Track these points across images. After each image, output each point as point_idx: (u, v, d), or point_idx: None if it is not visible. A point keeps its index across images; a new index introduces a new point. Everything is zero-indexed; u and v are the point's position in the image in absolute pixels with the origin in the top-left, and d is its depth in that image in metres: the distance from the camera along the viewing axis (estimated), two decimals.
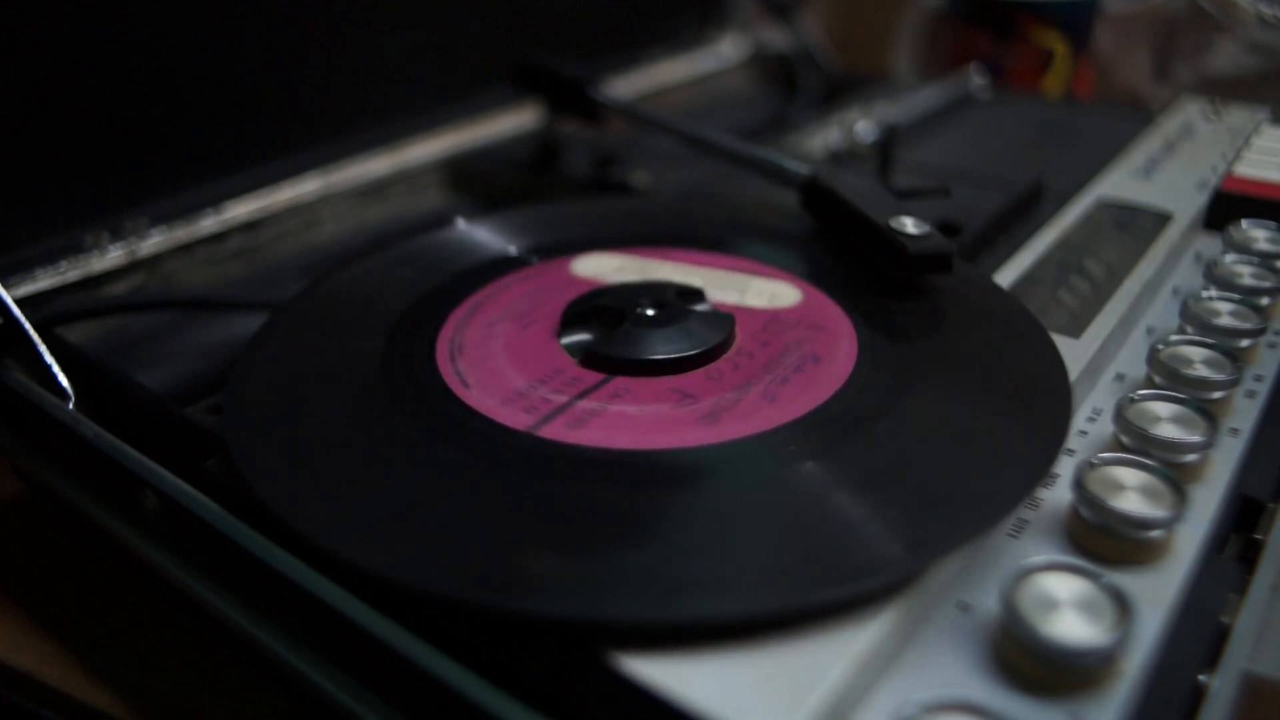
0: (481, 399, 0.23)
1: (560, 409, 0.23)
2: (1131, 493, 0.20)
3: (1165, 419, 0.23)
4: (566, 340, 0.25)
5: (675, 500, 0.20)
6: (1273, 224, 0.32)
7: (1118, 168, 0.38)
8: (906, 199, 0.31)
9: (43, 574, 0.30)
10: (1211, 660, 0.18)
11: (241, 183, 0.38)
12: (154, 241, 0.35)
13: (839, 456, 0.21)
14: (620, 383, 0.24)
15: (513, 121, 0.47)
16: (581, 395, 0.23)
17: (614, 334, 0.25)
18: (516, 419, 0.22)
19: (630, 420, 0.22)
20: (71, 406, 0.27)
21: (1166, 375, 0.25)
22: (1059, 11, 0.53)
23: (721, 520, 0.19)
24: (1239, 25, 0.53)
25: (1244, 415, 0.25)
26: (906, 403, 0.22)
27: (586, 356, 0.25)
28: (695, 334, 0.25)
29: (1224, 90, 0.52)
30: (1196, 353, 0.25)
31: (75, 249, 0.34)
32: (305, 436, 0.22)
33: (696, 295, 0.27)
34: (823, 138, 0.42)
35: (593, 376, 0.24)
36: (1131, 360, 0.27)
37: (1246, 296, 0.28)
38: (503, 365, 0.24)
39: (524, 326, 0.26)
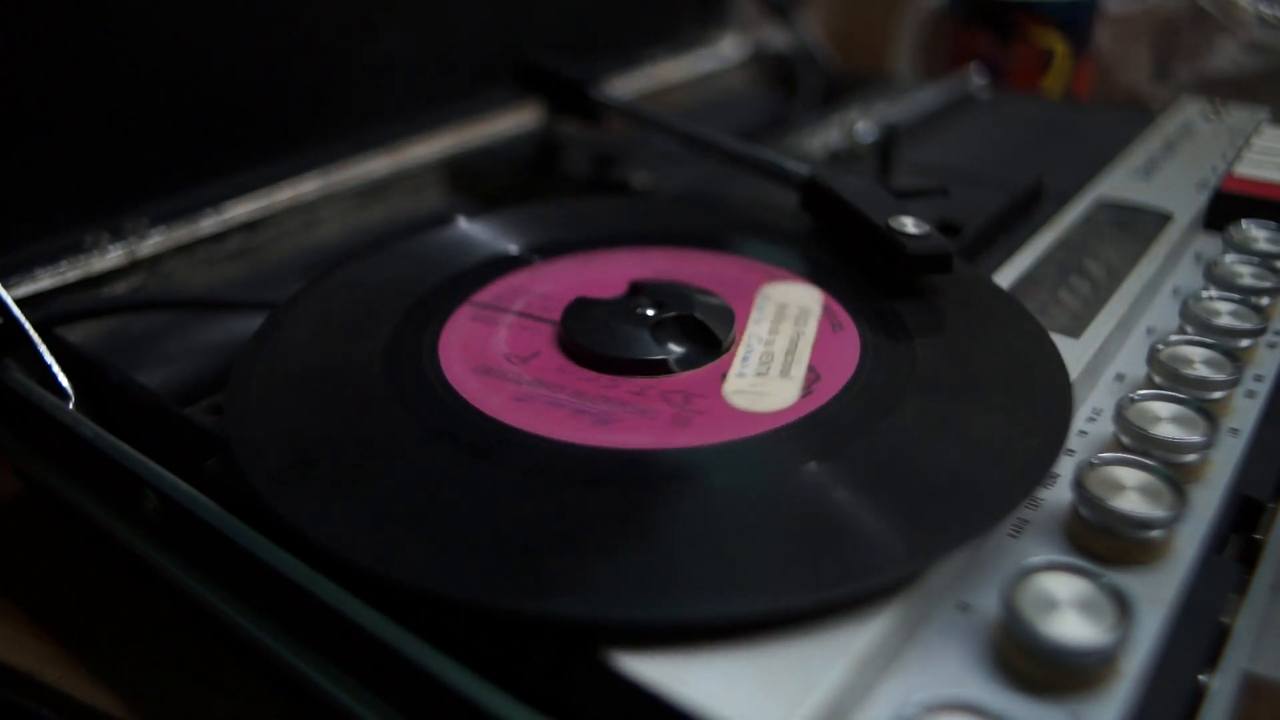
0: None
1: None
2: (1131, 493, 0.20)
3: (1165, 419, 0.23)
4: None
5: (676, 500, 0.20)
6: (1273, 224, 0.32)
7: (1118, 168, 0.38)
8: (906, 199, 0.31)
9: (43, 574, 0.30)
10: (1211, 660, 0.18)
11: (241, 183, 0.38)
12: (154, 241, 0.35)
13: (840, 456, 0.21)
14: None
15: (513, 121, 0.47)
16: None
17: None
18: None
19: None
20: (71, 406, 0.27)
21: (1166, 375, 0.25)
22: (1059, 11, 0.53)
23: (722, 520, 0.19)
24: (1239, 25, 0.53)
25: (1244, 415, 0.25)
26: (907, 402, 0.22)
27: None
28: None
29: (1224, 90, 0.52)
30: (1196, 353, 0.25)
31: (75, 249, 0.34)
32: (306, 436, 0.22)
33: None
34: (823, 138, 0.42)
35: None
36: (1131, 360, 0.27)
37: (1246, 296, 0.28)
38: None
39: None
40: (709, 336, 0.25)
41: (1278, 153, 0.38)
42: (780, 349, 0.25)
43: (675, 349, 0.25)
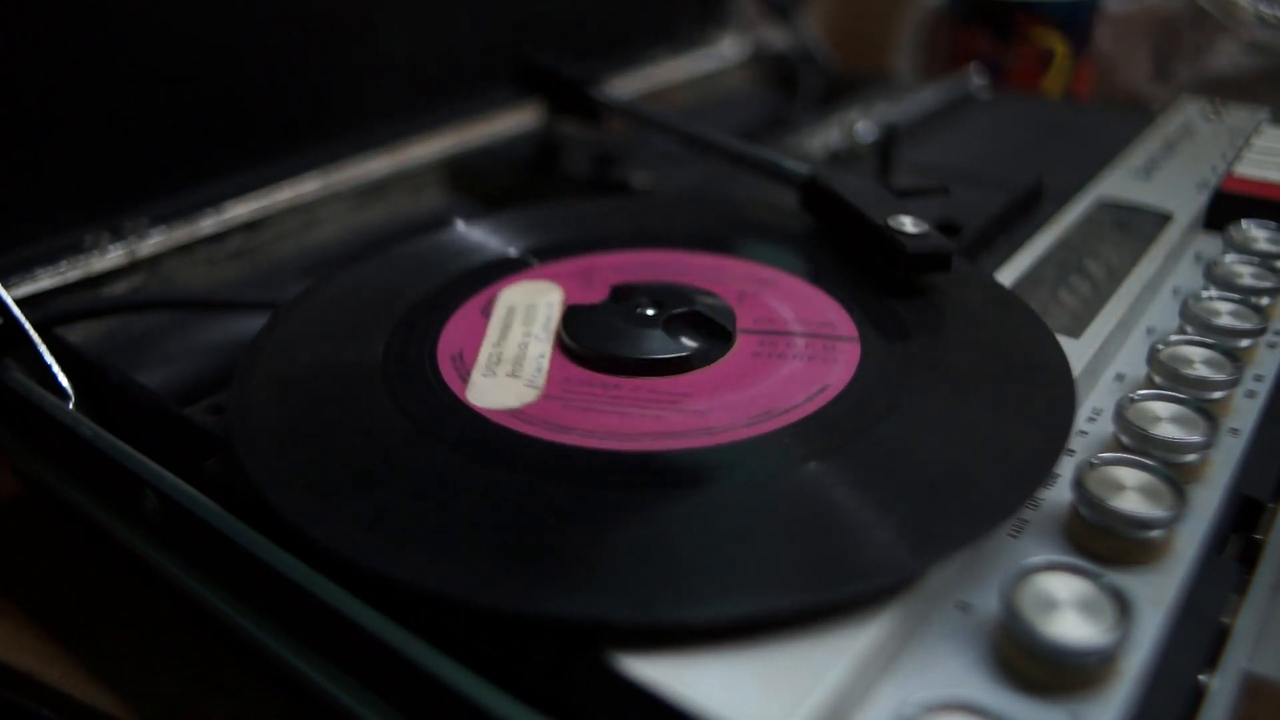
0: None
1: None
2: (1131, 493, 0.20)
3: (1165, 419, 0.23)
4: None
5: (676, 501, 0.20)
6: (1273, 224, 0.32)
7: (1118, 168, 0.38)
8: (906, 199, 0.31)
9: (43, 574, 0.30)
10: (1211, 660, 0.18)
11: (241, 183, 0.38)
12: (154, 241, 0.35)
13: (840, 457, 0.21)
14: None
15: (513, 121, 0.47)
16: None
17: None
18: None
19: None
20: (71, 406, 0.27)
21: (1166, 375, 0.25)
22: (1059, 11, 0.53)
23: (722, 521, 0.19)
24: (1239, 25, 0.53)
25: (1244, 415, 0.25)
26: (907, 403, 0.22)
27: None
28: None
29: (1224, 90, 0.52)
30: (1196, 353, 0.25)
31: (75, 249, 0.34)
32: (307, 437, 0.22)
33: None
34: (823, 138, 0.42)
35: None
36: (1131, 360, 0.27)
37: (1246, 296, 0.28)
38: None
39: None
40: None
41: (1278, 153, 0.38)
42: (510, 353, 0.25)
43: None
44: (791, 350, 0.25)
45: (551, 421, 0.22)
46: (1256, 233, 0.32)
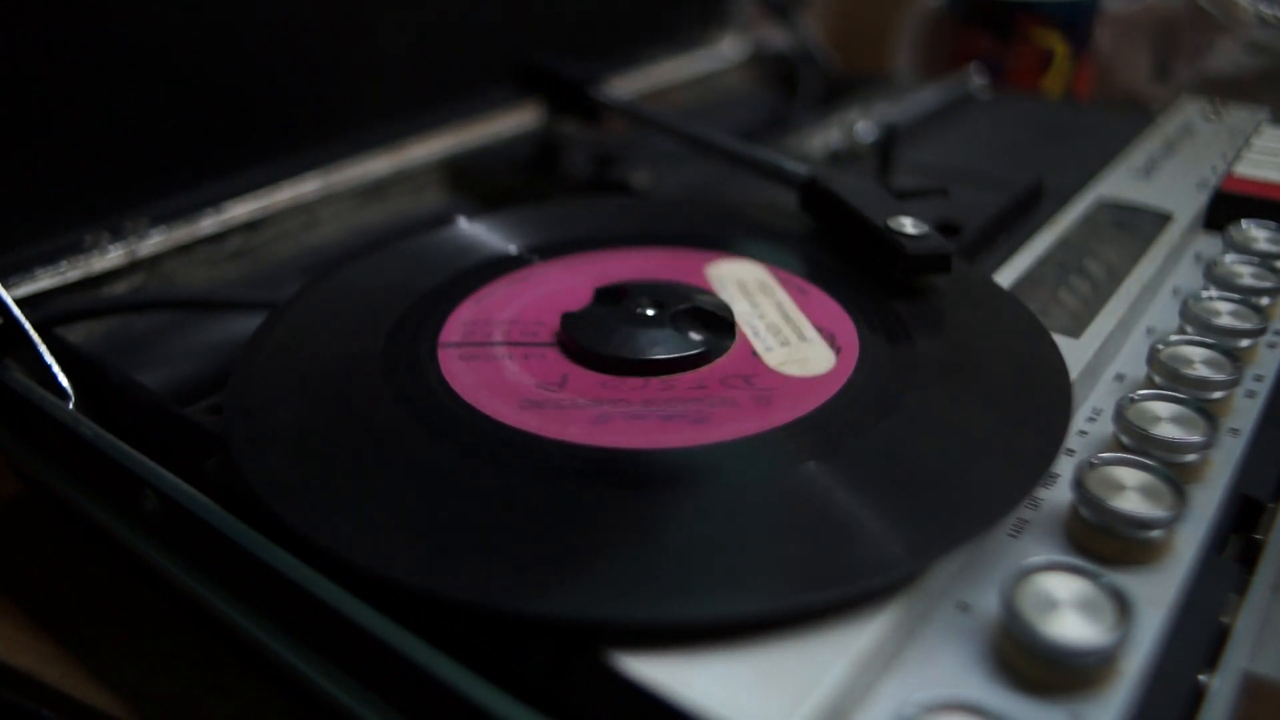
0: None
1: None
2: (1131, 493, 0.20)
3: (1165, 419, 0.23)
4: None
5: (676, 500, 0.20)
6: (1273, 224, 0.32)
7: (1118, 168, 0.38)
8: (906, 199, 0.31)
9: (43, 574, 0.30)
10: (1211, 660, 0.18)
11: (241, 183, 0.38)
12: (154, 241, 0.35)
13: (839, 456, 0.21)
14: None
15: (513, 121, 0.47)
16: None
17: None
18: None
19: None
20: (71, 406, 0.27)
21: (1166, 375, 0.25)
22: (1059, 11, 0.53)
23: (722, 520, 0.19)
24: (1239, 25, 0.53)
25: (1244, 415, 0.25)
26: (907, 403, 0.22)
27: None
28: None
29: (1224, 90, 0.52)
30: (1196, 353, 0.25)
31: (75, 249, 0.34)
32: (306, 436, 0.22)
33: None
34: (823, 138, 0.42)
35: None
36: (1131, 360, 0.27)
37: (1246, 296, 0.28)
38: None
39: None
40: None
41: (1278, 153, 0.38)
42: (778, 319, 0.26)
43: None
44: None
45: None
46: (1256, 233, 0.32)
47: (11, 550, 0.31)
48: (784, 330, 0.25)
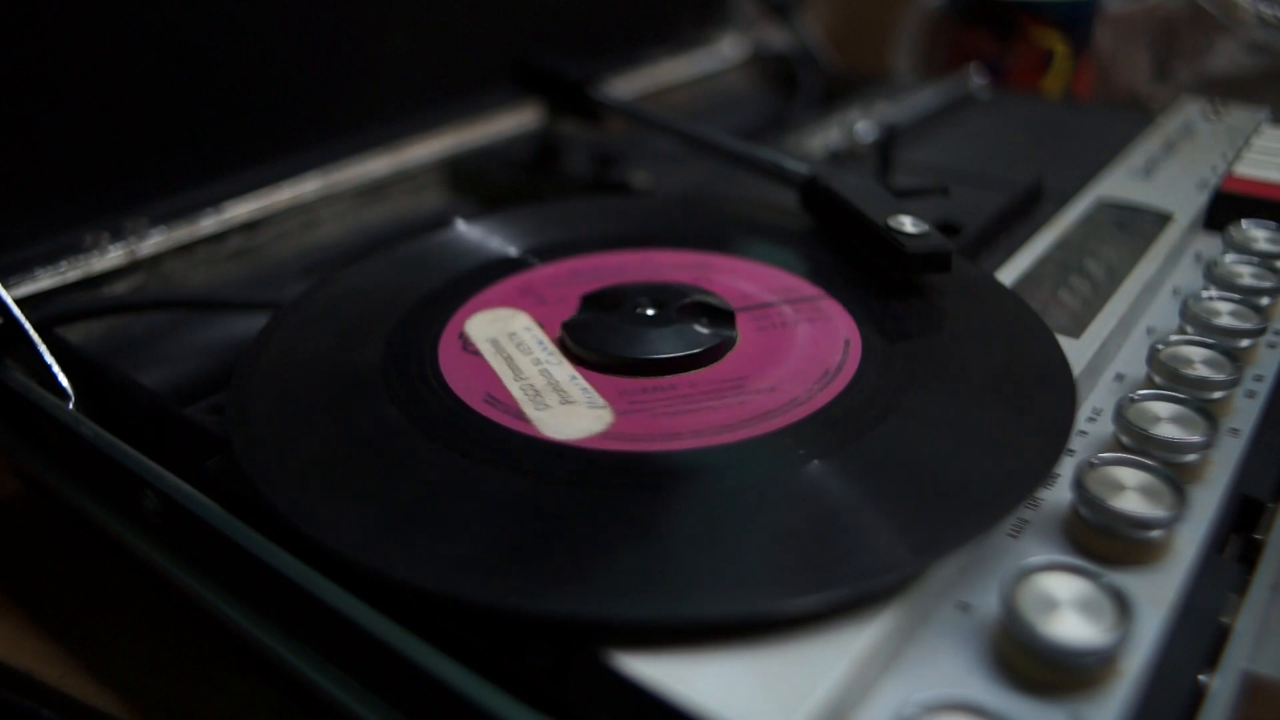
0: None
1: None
2: (1131, 493, 0.20)
3: (1165, 419, 0.23)
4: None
5: (676, 500, 0.20)
6: (1273, 224, 0.32)
7: (1118, 168, 0.38)
8: (906, 199, 0.31)
9: (43, 574, 0.30)
10: (1211, 660, 0.18)
11: (241, 183, 0.38)
12: (154, 241, 0.35)
13: (840, 457, 0.21)
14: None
15: (513, 121, 0.47)
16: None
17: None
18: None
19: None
20: (71, 406, 0.27)
21: (1166, 375, 0.25)
22: (1059, 11, 0.53)
23: (722, 521, 0.19)
24: (1239, 25, 0.53)
25: (1244, 415, 0.25)
26: (908, 403, 0.22)
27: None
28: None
29: (1224, 90, 0.52)
30: (1196, 353, 0.25)
31: (75, 249, 0.34)
32: (307, 437, 0.22)
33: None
34: (823, 138, 0.42)
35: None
36: (1131, 360, 0.27)
37: (1246, 296, 0.28)
38: (547, 395, 0.24)
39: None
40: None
41: (1278, 153, 0.38)
42: (540, 381, 0.24)
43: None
44: (784, 317, 0.25)
45: (646, 434, 0.22)
46: (1256, 233, 0.32)
47: (11, 550, 0.31)
48: (544, 394, 0.23)
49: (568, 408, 0.23)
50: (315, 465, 0.21)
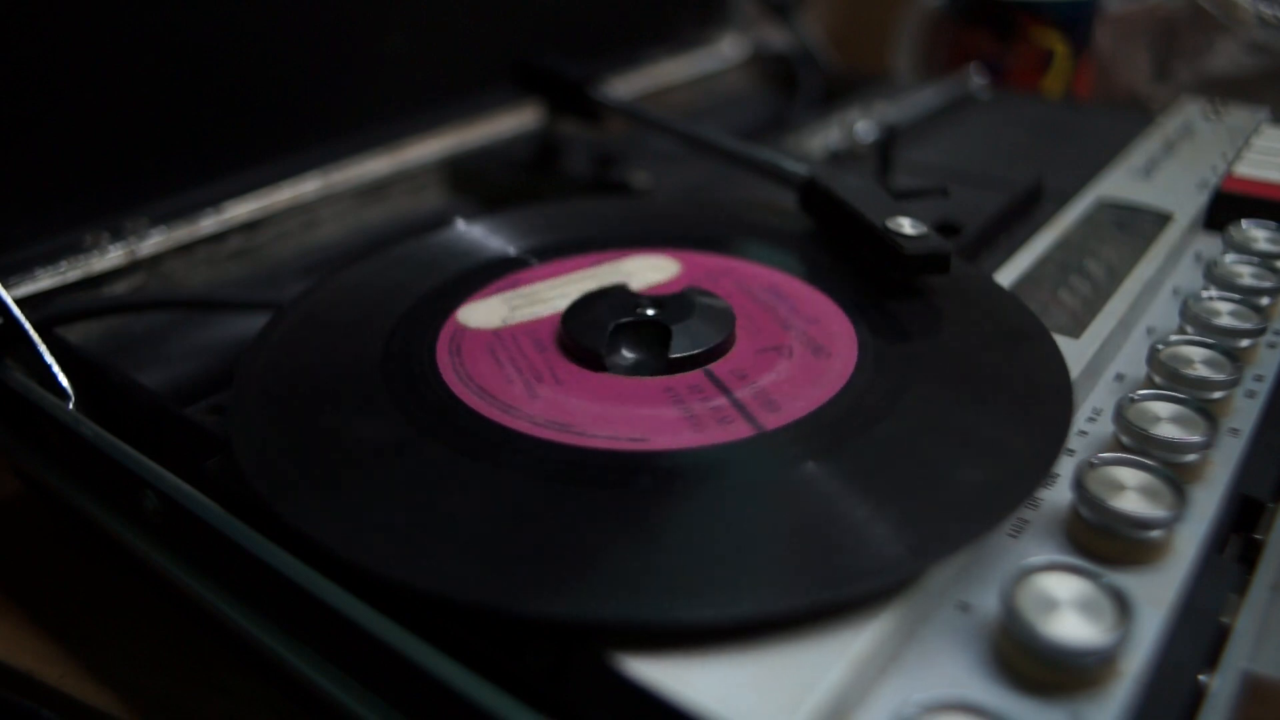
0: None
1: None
2: (1131, 493, 0.20)
3: (1165, 419, 0.23)
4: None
5: (676, 501, 0.20)
6: (1273, 224, 0.32)
7: (1118, 168, 0.38)
8: (906, 199, 0.31)
9: (43, 574, 0.30)
10: (1211, 660, 0.18)
11: (241, 183, 0.38)
12: (154, 241, 0.35)
13: (839, 457, 0.21)
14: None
15: (513, 121, 0.47)
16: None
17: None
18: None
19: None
20: (71, 406, 0.27)
21: (1166, 375, 0.25)
22: (1059, 11, 0.53)
23: (722, 521, 0.19)
24: (1239, 25, 0.53)
25: (1244, 415, 0.25)
26: (907, 403, 0.22)
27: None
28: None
29: (1224, 90, 0.52)
30: (1196, 353, 0.25)
31: (75, 249, 0.34)
32: (308, 437, 0.22)
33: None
34: (823, 138, 0.42)
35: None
36: (1131, 360, 0.27)
37: (1246, 296, 0.28)
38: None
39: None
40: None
41: (1278, 153, 0.38)
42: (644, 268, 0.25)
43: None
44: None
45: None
46: (1256, 233, 0.32)
47: (11, 550, 0.31)
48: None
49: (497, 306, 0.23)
50: (315, 465, 0.21)
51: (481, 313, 0.26)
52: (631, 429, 0.22)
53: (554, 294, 0.28)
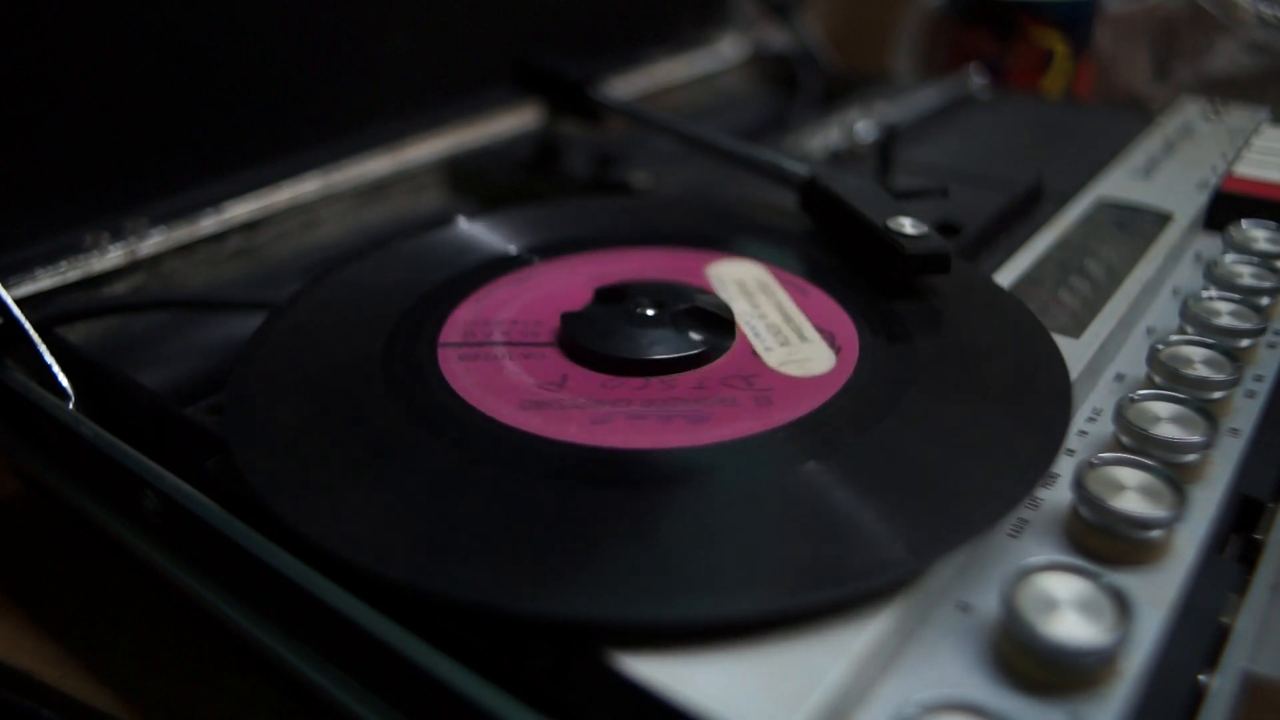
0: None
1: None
2: (1131, 493, 0.20)
3: (1165, 419, 0.23)
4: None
5: (676, 500, 0.20)
6: (1273, 224, 0.32)
7: (1118, 168, 0.38)
8: (906, 199, 0.31)
9: (43, 574, 0.30)
10: (1211, 660, 0.18)
11: (241, 183, 0.38)
12: (154, 241, 0.35)
13: (839, 457, 0.21)
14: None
15: (513, 121, 0.47)
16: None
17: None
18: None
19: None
20: (71, 406, 0.27)
21: (1166, 375, 0.25)
22: (1059, 11, 0.53)
23: (722, 520, 0.19)
24: (1239, 25, 0.53)
25: (1244, 415, 0.25)
26: (907, 403, 0.22)
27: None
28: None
29: (1224, 90, 0.52)
30: (1196, 353, 0.25)
31: (75, 249, 0.34)
32: (306, 437, 0.22)
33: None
34: (823, 138, 0.42)
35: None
36: (1131, 360, 0.27)
37: (1246, 296, 0.28)
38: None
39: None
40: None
41: (1278, 153, 0.38)
42: (778, 319, 0.26)
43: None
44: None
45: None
46: (1256, 233, 0.32)
47: (11, 550, 0.31)
48: (784, 330, 0.25)
49: (806, 345, 0.24)
50: (314, 465, 0.21)
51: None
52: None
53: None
